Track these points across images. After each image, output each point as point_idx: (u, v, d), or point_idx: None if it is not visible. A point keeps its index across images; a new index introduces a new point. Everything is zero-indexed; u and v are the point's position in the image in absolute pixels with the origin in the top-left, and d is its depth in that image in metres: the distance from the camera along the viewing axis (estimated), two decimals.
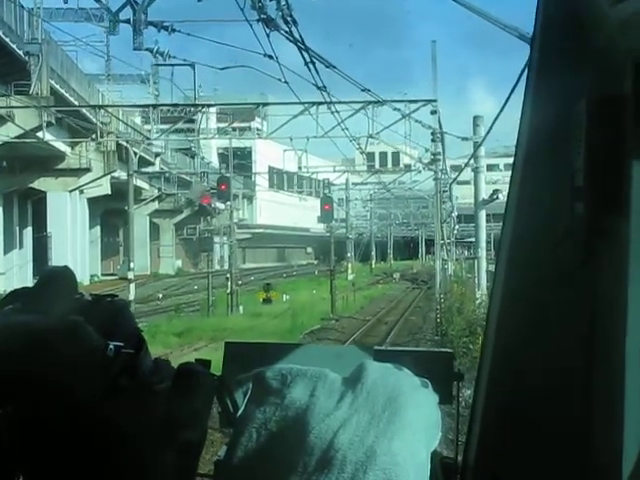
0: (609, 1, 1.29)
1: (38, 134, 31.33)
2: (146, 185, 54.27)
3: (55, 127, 33.81)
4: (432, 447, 1.55)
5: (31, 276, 39.72)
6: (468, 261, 50.35)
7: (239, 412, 1.63)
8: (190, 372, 1.57)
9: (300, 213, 73.98)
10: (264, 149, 67.14)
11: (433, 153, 30.66)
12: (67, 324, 1.47)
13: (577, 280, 1.42)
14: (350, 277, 53.09)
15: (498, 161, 71.86)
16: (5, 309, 1.55)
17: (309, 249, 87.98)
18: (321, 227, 54.47)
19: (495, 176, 57.50)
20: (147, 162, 47.29)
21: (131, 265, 31.66)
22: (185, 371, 1.57)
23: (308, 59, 19.82)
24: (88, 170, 42.24)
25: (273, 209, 72.50)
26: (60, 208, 41.81)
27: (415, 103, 28.63)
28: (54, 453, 1.40)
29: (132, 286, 30.79)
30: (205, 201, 50.67)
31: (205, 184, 52.78)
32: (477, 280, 28.37)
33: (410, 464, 1.48)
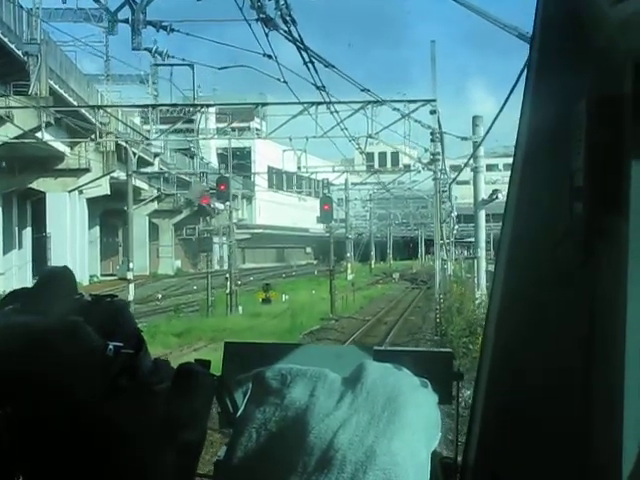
0: (609, 1, 1.29)
1: (37, 134, 31.32)
2: (145, 185, 54.26)
3: (54, 127, 33.80)
4: (432, 447, 1.55)
5: (30, 276, 39.71)
6: (467, 261, 50.35)
7: (239, 412, 1.63)
8: (190, 372, 1.57)
9: (299, 213, 73.98)
10: (263, 149, 67.14)
11: (432, 153, 30.66)
12: (67, 324, 1.47)
13: (576, 280, 1.42)
14: (349, 277, 53.10)
15: (497, 161, 71.88)
16: (5, 309, 1.55)
17: (308, 249, 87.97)
18: (320, 227, 54.45)
19: (494, 176, 57.50)
20: (146, 162, 47.28)
21: (130, 265, 31.66)
22: (185, 371, 1.57)
23: (307, 59, 19.84)
24: (87, 170, 42.24)
25: (272, 209, 72.49)
26: (59, 208, 41.80)
27: (414, 103, 28.65)
28: (54, 453, 1.40)
29: (131, 286, 30.79)
30: (204, 201, 50.64)
31: (204, 184, 52.76)
32: (477, 280, 28.36)
33: (410, 464, 1.48)
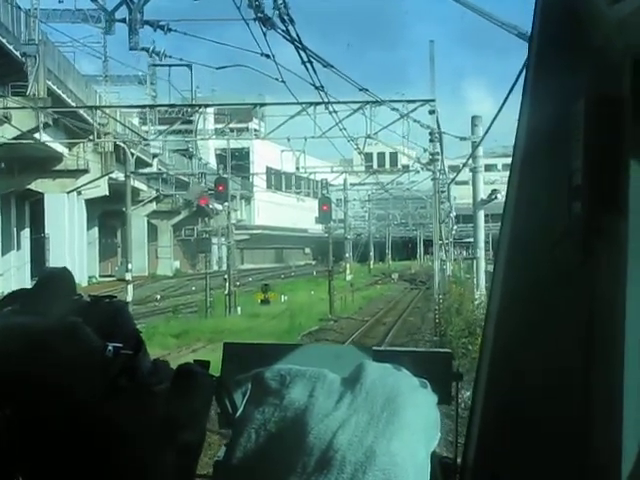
0: (607, 0, 1.29)
1: (35, 135, 31.31)
2: (144, 186, 54.25)
3: (52, 128, 33.78)
4: (431, 447, 1.55)
5: (29, 277, 39.69)
6: (467, 261, 50.34)
7: (238, 413, 1.63)
8: (189, 373, 1.57)
9: (298, 214, 73.97)
10: (262, 150, 67.12)
11: (431, 153, 30.67)
12: (66, 325, 1.47)
13: (575, 280, 1.42)
14: (348, 278, 53.10)
15: (496, 161, 71.92)
16: (4, 311, 1.55)
17: (307, 250, 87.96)
18: (319, 228, 54.43)
19: (493, 176, 57.49)
20: (145, 163, 47.27)
21: (129, 266, 31.65)
22: (184, 372, 1.56)
23: (305, 58, 19.84)
24: (86, 171, 42.22)
25: (271, 210, 72.48)
26: (58, 209, 41.77)
27: (413, 103, 28.65)
28: (53, 454, 1.40)
29: (130, 287, 30.78)
30: (203, 202, 50.64)
31: (203, 185, 52.76)
32: (476, 280, 28.36)
33: (409, 464, 1.48)
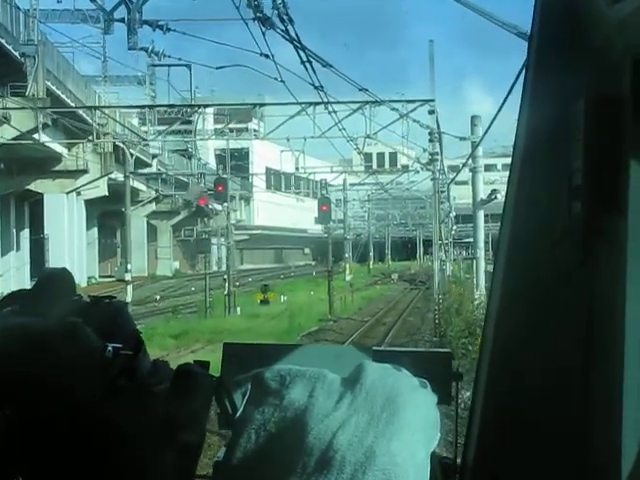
0: (607, 0, 1.29)
1: (34, 136, 31.30)
2: (143, 187, 54.24)
3: (51, 129, 33.78)
4: (431, 447, 1.55)
5: (28, 278, 39.67)
6: (466, 261, 50.34)
7: (238, 413, 1.63)
8: (189, 373, 1.57)
9: (298, 214, 73.97)
10: (261, 150, 67.12)
11: (431, 153, 30.68)
12: (66, 326, 1.47)
13: (575, 280, 1.42)
14: (348, 278, 53.11)
15: (496, 161, 71.93)
16: (4, 311, 1.55)
17: (307, 250, 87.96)
18: (319, 228, 54.42)
19: (493, 176, 57.51)
20: (144, 163, 47.26)
21: (128, 267, 31.64)
22: (184, 372, 1.56)
23: (305, 58, 19.84)
24: (85, 172, 42.21)
25: (270, 210, 72.47)
26: (57, 210, 41.76)
27: (413, 103, 28.65)
28: (53, 454, 1.40)
29: (129, 288, 30.79)
30: (202, 202, 50.64)
31: (202, 185, 52.76)
32: (476, 280, 28.35)
33: (409, 464, 1.48)
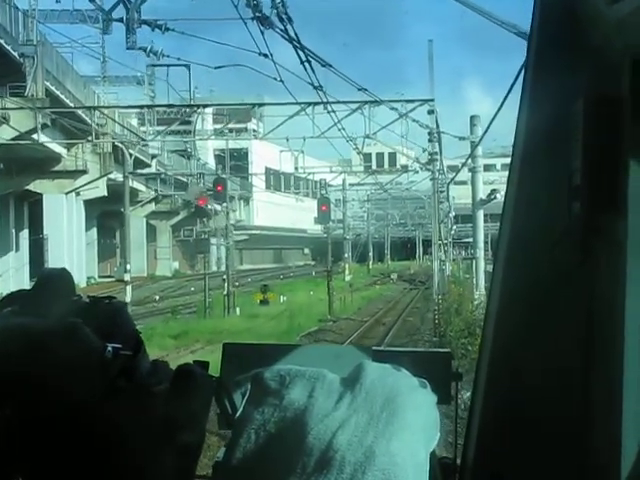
0: (606, 0, 1.29)
1: (33, 136, 31.30)
2: (142, 187, 54.27)
3: (50, 129, 33.79)
4: (431, 447, 1.55)
5: (27, 279, 39.67)
6: (466, 261, 50.34)
7: (237, 413, 1.63)
8: (188, 373, 1.57)
9: (297, 214, 74.01)
10: (260, 150, 67.14)
11: (430, 153, 30.72)
12: (65, 326, 1.47)
13: (575, 280, 1.42)
14: (347, 278, 53.16)
15: (495, 161, 72.02)
16: (3, 312, 1.55)
17: (306, 250, 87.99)
18: (318, 228, 54.46)
19: (492, 176, 57.57)
20: (143, 164, 47.28)
21: (127, 267, 31.65)
22: (183, 372, 1.56)
23: (304, 58, 19.84)
24: (84, 172, 42.22)
25: (270, 210, 72.51)
26: (56, 210, 41.76)
27: (412, 103, 28.67)
28: (52, 455, 1.40)
29: (128, 288, 30.80)
30: (202, 202, 50.65)
31: (201, 185, 52.77)
32: (475, 281, 28.36)
33: (409, 464, 1.47)
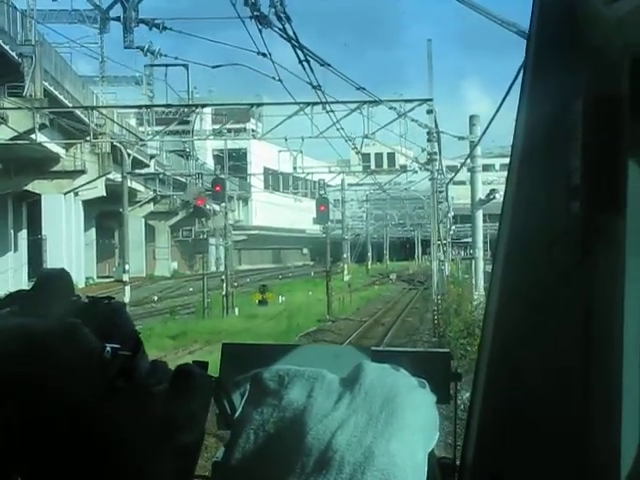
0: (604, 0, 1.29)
1: (31, 136, 31.29)
2: (141, 187, 54.26)
3: (49, 129, 33.77)
4: (430, 448, 1.55)
5: (26, 279, 39.65)
6: (465, 261, 50.37)
7: (237, 414, 1.63)
8: (187, 374, 1.57)
9: (296, 214, 74.00)
10: (259, 150, 67.13)
11: (429, 153, 30.73)
12: (64, 326, 1.47)
13: (574, 279, 1.42)
14: (346, 278, 53.17)
15: (494, 161, 72.09)
16: (2, 312, 1.55)
17: (305, 250, 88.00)
18: (317, 228, 54.46)
19: (491, 176, 57.63)
20: (142, 164, 47.26)
21: (126, 267, 31.65)
22: (182, 373, 1.56)
23: (302, 57, 19.83)
24: (83, 172, 42.21)
25: (268, 210, 72.50)
26: (55, 210, 41.74)
27: (411, 102, 28.69)
28: (51, 455, 1.40)
29: (127, 288, 30.80)
30: (200, 203, 50.66)
31: (200, 186, 52.77)
32: (474, 281, 28.37)
33: (408, 465, 1.48)
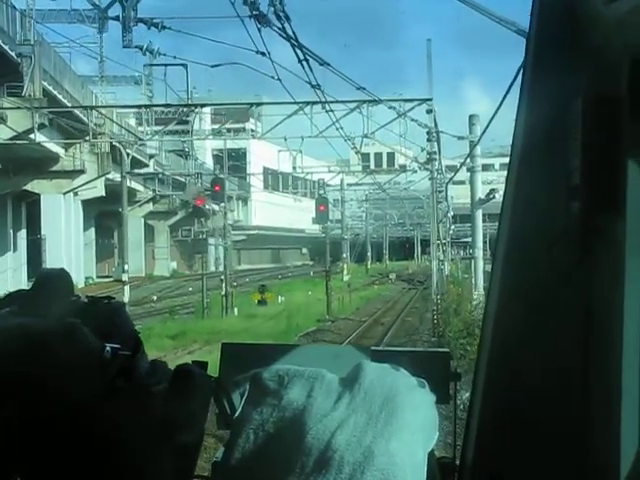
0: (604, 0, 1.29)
1: (31, 136, 31.27)
2: (140, 187, 54.24)
3: (48, 129, 33.75)
4: (429, 447, 1.55)
5: (25, 279, 39.64)
6: (464, 261, 50.36)
7: (236, 413, 1.63)
8: (187, 373, 1.57)
9: (295, 214, 73.99)
10: (258, 150, 67.10)
11: (429, 152, 30.73)
12: (64, 326, 1.47)
13: (574, 279, 1.42)
14: (346, 278, 53.15)
15: (493, 161, 72.11)
16: (2, 312, 1.55)
17: (304, 250, 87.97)
18: (316, 228, 54.47)
19: (490, 176, 57.64)
20: (141, 164, 47.24)
21: (125, 267, 31.65)
22: (182, 373, 1.56)
23: (302, 57, 19.81)
24: (82, 172, 42.17)
25: (268, 210, 72.47)
26: (54, 210, 41.71)
27: (410, 102, 28.68)
28: (51, 455, 1.40)
29: (126, 288, 30.79)
30: (200, 202, 50.63)
31: (199, 185, 52.76)
32: (474, 280, 28.36)
33: (408, 464, 1.48)
